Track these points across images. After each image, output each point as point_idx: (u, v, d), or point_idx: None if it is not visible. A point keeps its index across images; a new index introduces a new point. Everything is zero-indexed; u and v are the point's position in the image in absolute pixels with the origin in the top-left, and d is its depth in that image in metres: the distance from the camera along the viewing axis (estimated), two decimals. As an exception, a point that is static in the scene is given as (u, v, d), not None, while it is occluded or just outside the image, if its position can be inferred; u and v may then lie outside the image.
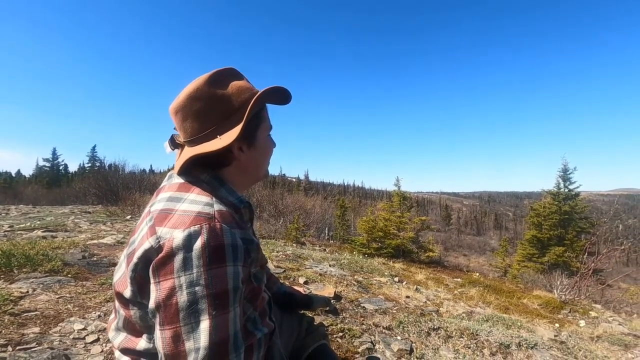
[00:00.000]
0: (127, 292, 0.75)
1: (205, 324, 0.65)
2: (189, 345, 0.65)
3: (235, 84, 0.85)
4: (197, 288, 0.66)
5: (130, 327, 0.80)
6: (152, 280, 0.68)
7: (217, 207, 0.75)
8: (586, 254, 10.19)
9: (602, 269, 11.83)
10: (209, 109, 0.81)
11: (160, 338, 0.67)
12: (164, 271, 0.67)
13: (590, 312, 5.38)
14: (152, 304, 0.68)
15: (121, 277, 0.78)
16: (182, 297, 0.65)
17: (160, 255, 0.67)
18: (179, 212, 0.73)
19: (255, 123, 0.86)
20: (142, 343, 0.78)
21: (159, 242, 0.69)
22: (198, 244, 0.67)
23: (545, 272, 11.85)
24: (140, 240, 0.73)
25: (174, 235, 0.68)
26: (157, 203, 0.79)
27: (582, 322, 4.59)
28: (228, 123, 0.81)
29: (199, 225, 0.68)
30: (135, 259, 0.72)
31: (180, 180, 0.83)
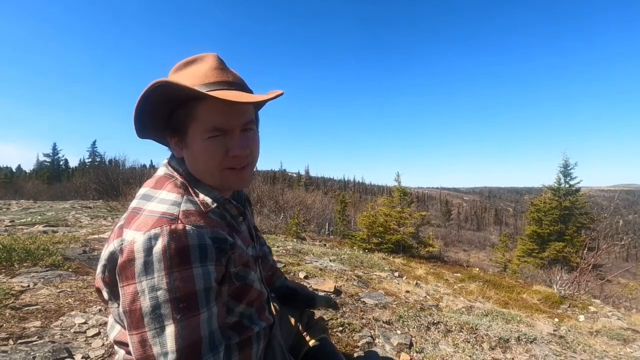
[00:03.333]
0: (103, 291, 0.76)
1: (170, 329, 0.64)
2: (156, 350, 0.64)
3: (171, 72, 0.83)
4: (158, 292, 0.64)
5: (120, 322, 0.81)
6: (119, 284, 0.68)
7: (184, 206, 0.73)
8: (586, 249, 10.21)
9: (601, 264, 11.87)
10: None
11: (130, 342, 0.67)
12: (126, 275, 0.66)
13: (589, 307, 5.39)
14: (120, 307, 0.68)
15: (97, 274, 0.78)
16: (145, 302, 0.64)
17: (122, 259, 0.67)
18: (145, 212, 0.72)
19: (183, 121, 0.78)
20: None
21: (122, 244, 0.68)
22: (158, 247, 0.65)
23: (545, 268, 11.87)
24: (109, 241, 0.73)
25: (135, 239, 0.66)
26: (135, 199, 0.79)
27: (581, 317, 4.61)
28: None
29: (159, 228, 0.67)
30: (103, 261, 0.72)
31: (160, 173, 0.84)
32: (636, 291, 9.35)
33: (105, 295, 0.76)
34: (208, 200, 0.78)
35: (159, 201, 0.74)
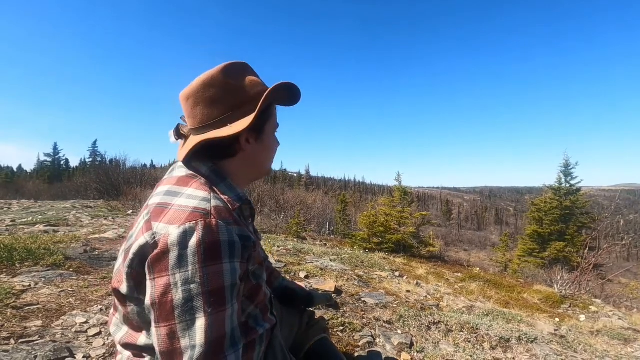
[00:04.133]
0: (124, 288, 0.75)
1: (201, 322, 0.65)
2: (184, 342, 0.64)
3: (248, 77, 0.86)
4: (192, 285, 0.65)
5: (130, 323, 0.80)
6: (147, 277, 0.68)
7: (214, 202, 0.74)
8: (587, 249, 10.19)
9: (602, 264, 11.84)
10: (222, 96, 0.82)
11: (156, 335, 0.67)
12: (159, 268, 0.66)
13: (590, 307, 5.39)
14: (147, 300, 0.68)
15: (117, 272, 0.78)
16: (177, 295, 0.65)
17: (156, 251, 0.67)
18: (175, 207, 0.72)
19: (265, 117, 0.86)
20: (142, 338, 0.78)
21: (155, 238, 0.68)
22: (193, 241, 0.66)
23: (545, 267, 11.86)
24: (137, 235, 0.72)
25: (170, 232, 0.67)
26: (155, 196, 0.79)
27: (582, 317, 4.61)
28: (239, 113, 0.82)
29: (194, 222, 0.68)
30: (131, 255, 0.71)
31: (181, 173, 0.83)
32: (637, 291, 9.33)
33: (125, 291, 0.75)
34: (234, 198, 0.81)
35: (188, 197, 0.75)
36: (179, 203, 0.73)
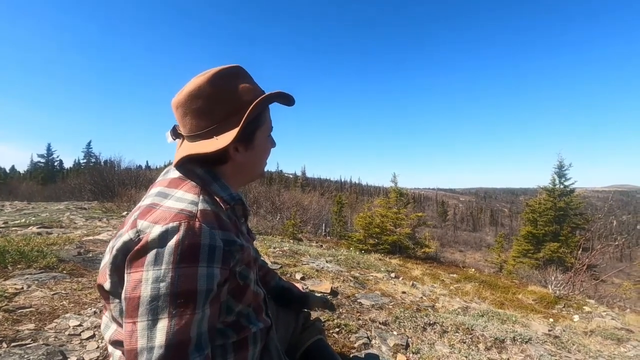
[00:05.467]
0: (107, 284, 0.75)
1: (163, 323, 0.64)
2: (141, 343, 0.63)
3: (238, 85, 0.84)
4: (161, 284, 0.65)
5: (116, 320, 0.80)
6: (125, 271, 0.69)
7: (202, 206, 0.75)
8: (580, 249, 10.29)
9: (596, 265, 11.95)
10: (208, 108, 0.81)
11: (124, 332, 0.66)
12: (136, 263, 0.67)
13: (584, 307, 5.44)
14: (122, 294, 0.69)
15: (102, 269, 0.78)
16: (145, 292, 0.64)
17: (136, 247, 0.67)
18: (163, 207, 0.73)
19: (255, 125, 0.85)
20: None
21: (139, 235, 0.69)
22: (172, 241, 0.66)
23: (540, 268, 11.96)
24: (123, 233, 0.73)
25: (152, 230, 0.68)
26: (147, 198, 0.79)
27: (576, 317, 4.65)
28: (226, 124, 0.81)
29: (178, 222, 0.68)
30: (114, 251, 0.72)
31: (174, 175, 0.83)
32: (630, 291, 9.44)
33: (109, 287, 0.75)
34: (227, 198, 0.82)
35: (177, 199, 0.75)
36: (167, 204, 0.74)
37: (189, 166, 0.84)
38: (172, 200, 0.75)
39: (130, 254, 0.68)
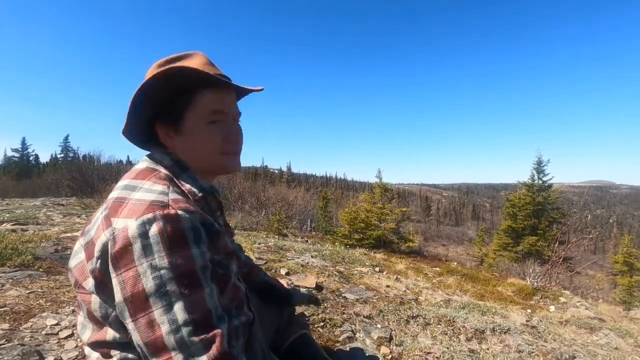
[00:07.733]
0: (88, 284, 0.73)
1: (179, 304, 0.64)
2: (165, 328, 0.63)
3: (149, 71, 0.82)
4: (162, 272, 0.64)
5: (94, 319, 0.78)
6: (113, 274, 0.66)
7: (172, 195, 0.74)
8: (557, 242, 10.67)
9: (571, 257, 12.42)
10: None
11: (136, 329, 0.65)
12: (124, 262, 0.65)
13: (559, 298, 5.65)
14: (118, 298, 0.66)
15: (79, 266, 0.76)
16: (149, 282, 0.63)
17: (117, 246, 0.65)
18: (132, 201, 0.71)
19: (182, 106, 0.82)
20: (109, 333, 0.76)
21: (114, 233, 0.67)
22: (154, 230, 0.65)
23: (519, 261, 12.32)
24: (97, 232, 0.71)
25: (128, 225, 0.66)
26: (115, 190, 0.78)
27: (552, 308, 4.82)
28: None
29: (152, 213, 0.67)
30: (96, 253, 0.69)
31: (141, 166, 0.82)
32: (602, 282, 9.86)
33: (90, 286, 0.73)
34: (195, 189, 0.80)
35: (145, 191, 0.74)
36: (136, 197, 0.72)
37: (158, 156, 0.84)
38: (140, 192, 0.73)
39: (112, 255, 0.66)
